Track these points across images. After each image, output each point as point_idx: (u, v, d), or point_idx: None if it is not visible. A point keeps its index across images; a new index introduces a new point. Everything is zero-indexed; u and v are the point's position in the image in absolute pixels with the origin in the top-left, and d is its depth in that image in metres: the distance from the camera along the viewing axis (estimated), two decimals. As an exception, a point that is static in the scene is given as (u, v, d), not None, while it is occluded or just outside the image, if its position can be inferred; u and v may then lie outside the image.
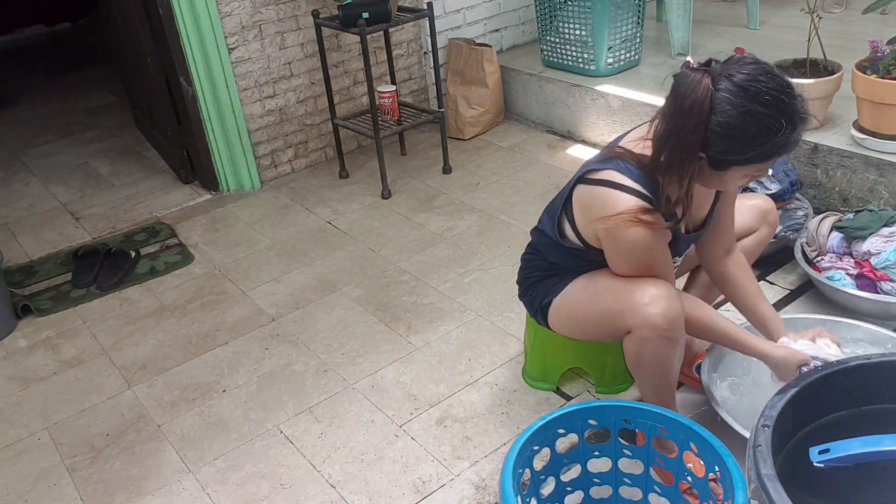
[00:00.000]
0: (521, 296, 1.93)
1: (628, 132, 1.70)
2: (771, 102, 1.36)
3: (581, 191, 1.63)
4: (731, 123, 1.37)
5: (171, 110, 3.43)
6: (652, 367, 1.64)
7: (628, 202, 1.52)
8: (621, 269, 1.63)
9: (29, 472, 2.02)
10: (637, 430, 1.55)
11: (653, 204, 1.52)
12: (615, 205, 1.53)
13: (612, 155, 1.58)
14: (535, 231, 1.85)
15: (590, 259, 1.70)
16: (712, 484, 1.44)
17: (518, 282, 1.94)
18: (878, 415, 1.39)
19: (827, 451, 1.25)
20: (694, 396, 2.00)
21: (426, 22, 3.39)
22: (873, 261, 2.19)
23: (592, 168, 1.61)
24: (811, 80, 2.64)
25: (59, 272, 2.95)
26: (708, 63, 1.44)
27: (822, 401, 1.38)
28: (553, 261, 1.81)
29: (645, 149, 1.55)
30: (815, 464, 1.25)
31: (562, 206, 1.70)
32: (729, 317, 1.91)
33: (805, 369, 1.59)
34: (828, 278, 2.22)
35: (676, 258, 1.74)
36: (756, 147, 1.39)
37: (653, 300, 1.55)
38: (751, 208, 1.91)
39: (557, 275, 1.81)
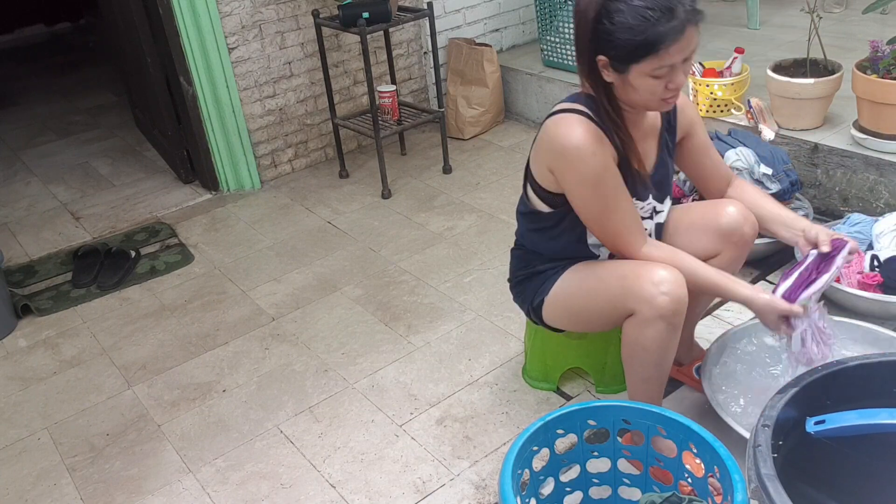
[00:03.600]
0: (514, 298, 1.94)
1: None
2: None
3: (537, 135, 1.70)
4: (614, 19, 1.48)
5: (171, 110, 3.43)
6: (648, 353, 1.65)
7: (565, 119, 1.59)
8: (584, 198, 1.62)
9: (29, 472, 2.02)
10: (632, 431, 1.55)
11: (588, 117, 1.59)
12: (556, 126, 1.61)
13: (572, 94, 1.68)
14: (517, 216, 1.88)
15: (560, 230, 1.72)
16: (710, 479, 1.44)
17: (508, 280, 1.95)
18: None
19: (823, 422, 1.26)
20: (694, 396, 2.00)
21: (426, 22, 3.39)
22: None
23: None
24: (811, 80, 2.64)
25: (59, 272, 2.95)
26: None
27: (822, 400, 1.38)
28: (532, 249, 1.83)
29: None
30: (811, 434, 1.26)
31: (524, 172, 1.76)
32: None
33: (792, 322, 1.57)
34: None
35: (640, 202, 1.72)
36: (635, 37, 1.46)
37: (661, 282, 1.57)
38: (711, 230, 1.78)
39: (541, 273, 1.82)
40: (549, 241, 1.78)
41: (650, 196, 1.73)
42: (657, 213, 1.77)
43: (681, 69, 1.52)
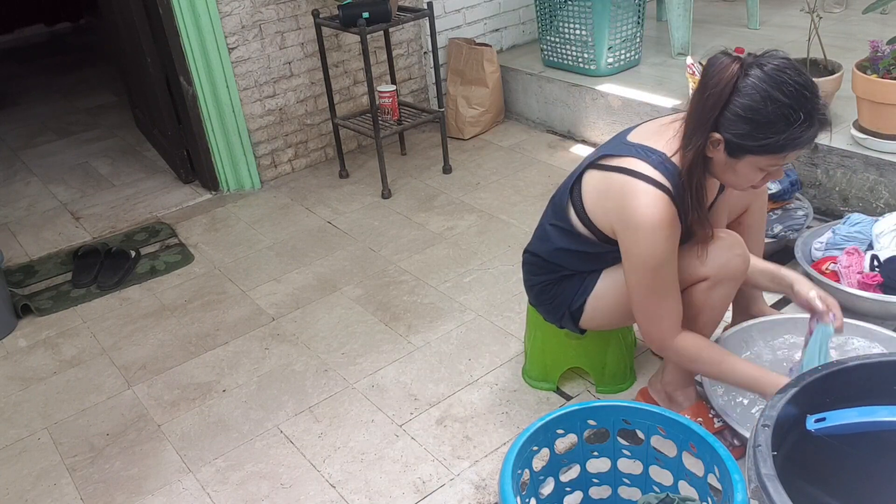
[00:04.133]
0: (537, 304, 1.93)
1: (637, 126, 1.70)
2: (793, 94, 1.40)
3: (595, 176, 1.64)
4: (751, 106, 1.41)
5: (171, 110, 3.43)
6: (714, 311, 1.70)
7: (648, 192, 1.52)
8: (640, 277, 1.60)
9: (29, 472, 2.02)
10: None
11: (672, 196, 1.53)
12: (635, 194, 1.54)
13: (630, 143, 1.61)
14: (535, 241, 1.86)
15: (603, 256, 1.72)
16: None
17: (527, 289, 1.94)
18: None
19: (823, 419, 1.26)
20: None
21: (426, 22, 3.39)
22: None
23: (608, 154, 1.62)
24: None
25: (59, 272, 2.95)
26: (741, 52, 1.50)
27: (822, 400, 1.38)
28: (559, 263, 1.81)
29: (658, 140, 1.58)
30: (811, 432, 1.26)
31: (568, 193, 1.71)
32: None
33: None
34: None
35: None
36: (772, 134, 1.41)
37: (733, 244, 1.63)
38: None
39: (574, 275, 1.81)
40: (586, 262, 1.76)
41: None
42: None
43: (783, 167, 1.50)
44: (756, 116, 1.42)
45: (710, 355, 1.67)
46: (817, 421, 1.27)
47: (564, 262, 1.80)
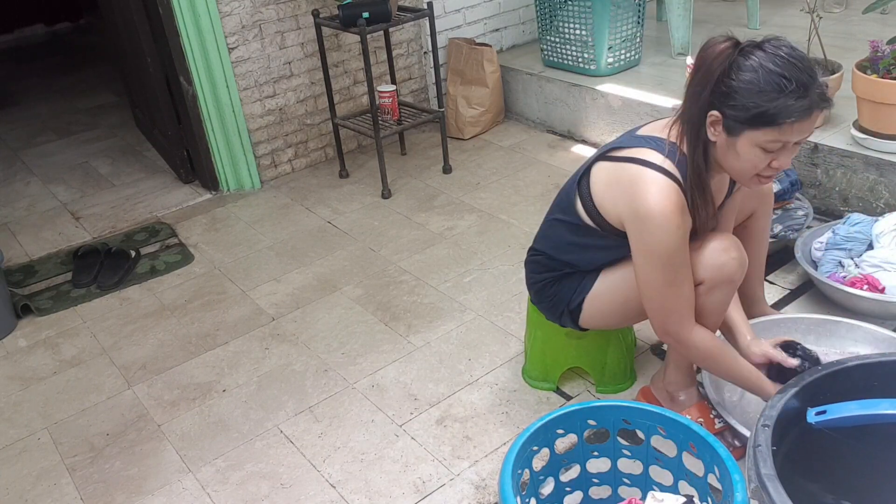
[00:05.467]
0: (538, 302, 1.93)
1: (645, 124, 1.70)
2: (785, 64, 1.42)
3: (605, 167, 1.64)
4: (743, 77, 1.43)
5: (171, 110, 3.43)
6: (711, 314, 1.69)
7: (657, 180, 1.52)
8: (652, 267, 1.58)
9: (29, 472, 2.02)
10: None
11: (681, 186, 1.54)
12: (645, 183, 1.53)
13: (641, 135, 1.62)
14: (540, 238, 1.87)
15: (610, 248, 1.71)
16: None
17: (529, 286, 1.94)
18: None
19: (824, 412, 1.27)
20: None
21: (426, 22, 3.39)
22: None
23: (618, 146, 1.62)
24: (811, 80, 2.64)
25: (59, 272, 2.95)
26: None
27: (821, 400, 1.38)
28: (560, 258, 1.81)
29: (669, 134, 1.59)
30: (811, 424, 1.26)
31: (576, 185, 1.70)
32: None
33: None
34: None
35: None
36: (763, 103, 1.41)
37: (729, 248, 1.61)
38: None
39: (573, 274, 1.81)
40: (593, 254, 1.76)
41: None
42: None
43: (791, 150, 1.47)
44: (748, 87, 1.42)
45: (725, 352, 1.67)
46: (818, 414, 1.27)
47: (569, 258, 1.80)
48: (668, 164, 1.54)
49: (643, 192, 1.53)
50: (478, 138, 3.76)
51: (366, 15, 2.96)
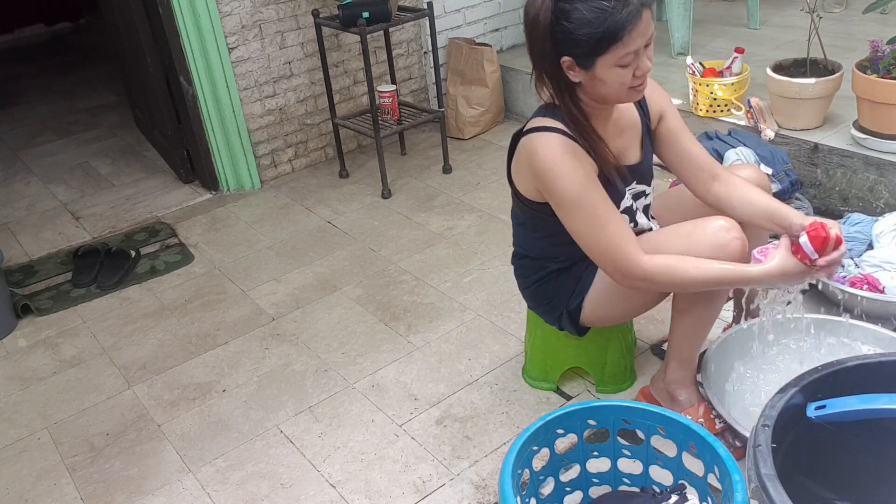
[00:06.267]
0: (535, 307, 1.94)
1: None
2: None
3: (515, 154, 1.73)
4: (571, 17, 1.49)
5: (171, 110, 3.43)
6: (712, 298, 1.70)
7: (541, 138, 1.62)
8: (572, 216, 1.62)
9: (29, 472, 2.02)
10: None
11: (565, 133, 1.60)
12: (534, 146, 1.63)
13: (541, 105, 1.71)
14: (515, 243, 1.90)
15: (555, 231, 1.71)
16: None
17: (522, 290, 1.95)
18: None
19: (823, 407, 1.27)
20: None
21: (426, 21, 3.39)
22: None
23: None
24: (811, 80, 2.64)
25: (59, 272, 2.95)
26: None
27: (821, 400, 1.38)
28: (539, 256, 1.83)
29: None
30: (811, 419, 1.26)
31: (510, 184, 1.77)
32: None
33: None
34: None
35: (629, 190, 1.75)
36: (598, 27, 1.48)
37: (730, 227, 1.61)
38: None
39: (566, 270, 1.81)
40: (560, 245, 1.76)
41: (634, 183, 1.76)
42: (645, 195, 1.81)
43: (644, 54, 1.53)
44: (578, 23, 1.49)
45: (686, 265, 1.58)
46: (818, 408, 1.27)
47: (542, 252, 1.83)
48: (548, 122, 1.63)
49: (533, 154, 1.62)
50: (478, 138, 3.76)
51: (366, 15, 2.96)
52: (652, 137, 1.80)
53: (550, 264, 1.83)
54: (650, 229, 1.82)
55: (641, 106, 1.76)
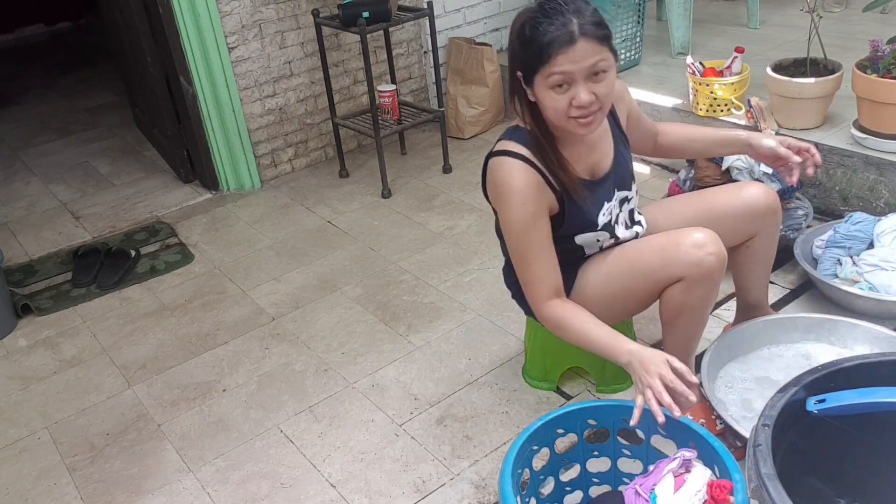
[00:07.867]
0: (529, 313, 1.93)
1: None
2: (540, 6, 1.53)
3: (484, 170, 1.77)
4: (524, 33, 1.53)
5: (171, 110, 3.43)
6: (696, 311, 1.69)
7: (503, 163, 1.65)
8: (511, 240, 1.68)
9: (29, 472, 2.02)
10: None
11: (527, 161, 1.63)
12: (497, 170, 1.67)
13: (509, 127, 1.74)
14: (499, 236, 1.90)
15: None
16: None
17: (519, 304, 1.94)
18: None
19: (823, 401, 1.27)
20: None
21: (426, 21, 3.39)
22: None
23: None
24: (811, 80, 2.64)
25: (59, 271, 2.95)
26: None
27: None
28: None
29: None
30: (812, 413, 1.26)
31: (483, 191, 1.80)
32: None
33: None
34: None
35: (608, 203, 1.75)
36: (527, 45, 1.52)
37: (704, 243, 1.61)
38: (743, 208, 1.83)
39: None
40: None
41: (615, 191, 1.77)
42: (628, 200, 1.82)
43: (583, 86, 1.52)
44: (515, 38, 1.55)
45: (573, 322, 1.62)
46: (818, 402, 1.28)
47: None
48: (513, 146, 1.66)
49: (494, 177, 1.68)
50: (478, 138, 3.76)
51: (366, 14, 2.96)
52: (626, 141, 1.81)
53: None
54: (636, 235, 1.83)
55: (612, 114, 1.79)
